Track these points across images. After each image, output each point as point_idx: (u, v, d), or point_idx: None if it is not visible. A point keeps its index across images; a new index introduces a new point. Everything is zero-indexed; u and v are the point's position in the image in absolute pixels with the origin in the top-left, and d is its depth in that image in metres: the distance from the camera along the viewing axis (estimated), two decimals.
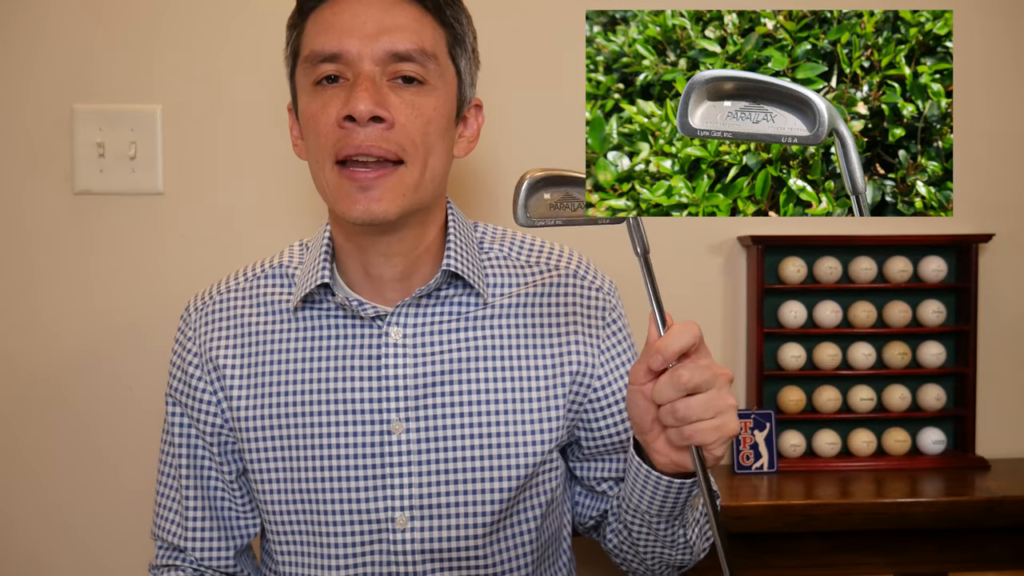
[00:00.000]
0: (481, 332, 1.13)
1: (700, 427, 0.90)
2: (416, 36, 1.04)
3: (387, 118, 1.02)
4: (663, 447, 0.96)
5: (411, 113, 1.04)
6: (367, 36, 1.03)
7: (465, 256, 1.12)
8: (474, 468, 1.10)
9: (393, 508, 1.08)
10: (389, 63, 1.04)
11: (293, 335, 1.12)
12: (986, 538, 1.55)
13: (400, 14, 1.05)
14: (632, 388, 0.95)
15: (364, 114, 1.01)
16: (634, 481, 1.05)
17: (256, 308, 1.15)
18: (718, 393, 0.91)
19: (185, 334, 1.16)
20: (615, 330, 1.18)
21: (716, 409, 0.90)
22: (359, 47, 1.03)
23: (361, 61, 1.03)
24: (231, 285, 1.18)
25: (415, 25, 1.05)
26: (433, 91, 1.06)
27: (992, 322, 1.73)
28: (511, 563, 1.12)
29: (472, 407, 1.11)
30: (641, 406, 0.95)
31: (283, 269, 1.17)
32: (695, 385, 0.89)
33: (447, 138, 1.09)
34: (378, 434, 1.09)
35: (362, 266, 1.11)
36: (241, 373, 1.12)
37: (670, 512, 1.05)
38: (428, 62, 1.05)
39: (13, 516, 1.61)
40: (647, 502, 1.04)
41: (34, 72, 1.58)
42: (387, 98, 1.03)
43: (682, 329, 0.90)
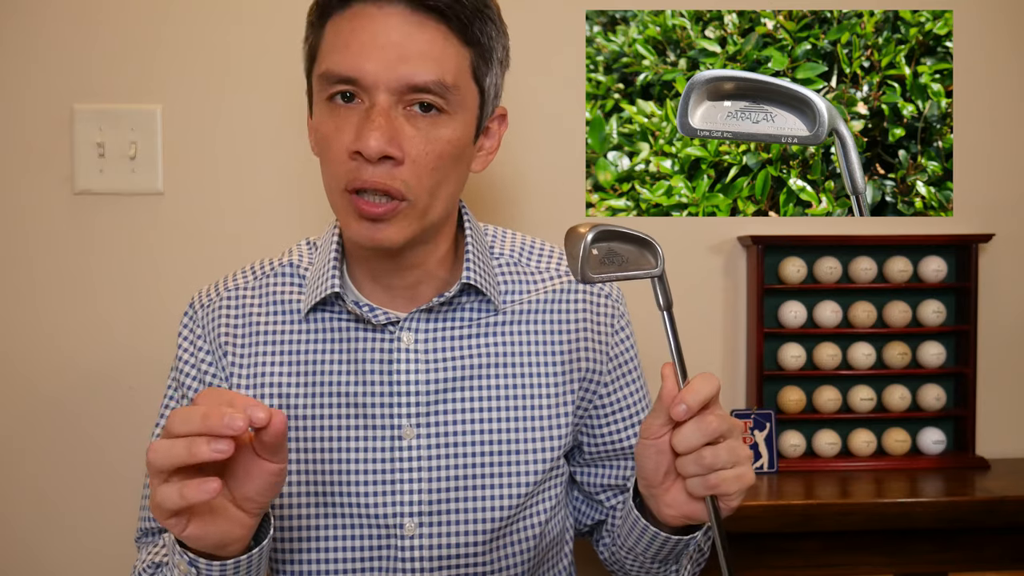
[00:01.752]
0: (493, 339, 1.12)
1: (724, 475, 0.90)
2: (436, 66, 1.00)
3: (397, 156, 0.99)
4: (676, 498, 0.95)
5: (423, 148, 1.00)
6: (385, 63, 0.98)
7: (482, 267, 1.11)
8: (484, 475, 1.10)
9: (402, 514, 1.08)
10: (406, 93, 1.00)
11: (304, 336, 1.11)
12: (986, 538, 1.55)
13: (422, 38, 1.00)
14: (645, 442, 0.94)
15: (375, 153, 0.98)
16: (631, 530, 1.06)
17: (266, 307, 1.13)
18: (737, 443, 0.91)
19: (194, 331, 1.14)
20: (623, 338, 1.18)
21: (737, 458, 0.90)
22: (375, 74, 0.98)
23: (377, 90, 0.99)
24: (239, 283, 1.16)
25: (436, 52, 1.00)
26: (450, 120, 1.02)
27: (992, 322, 1.73)
28: (511, 570, 1.12)
29: (484, 414, 1.11)
30: (654, 459, 0.94)
31: (294, 268, 1.15)
32: (722, 431, 0.90)
33: (462, 163, 1.06)
34: (389, 439, 1.08)
35: (372, 273, 1.11)
36: (249, 372, 1.11)
37: (665, 556, 1.07)
38: (448, 93, 1.01)
39: (13, 516, 1.61)
40: (643, 549, 1.06)
41: (34, 72, 1.58)
42: (400, 130, 1.00)
43: (706, 379, 0.90)
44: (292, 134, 1.60)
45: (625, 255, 0.89)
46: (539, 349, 1.14)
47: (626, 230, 0.88)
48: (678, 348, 0.91)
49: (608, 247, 0.89)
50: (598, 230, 0.87)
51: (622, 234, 0.89)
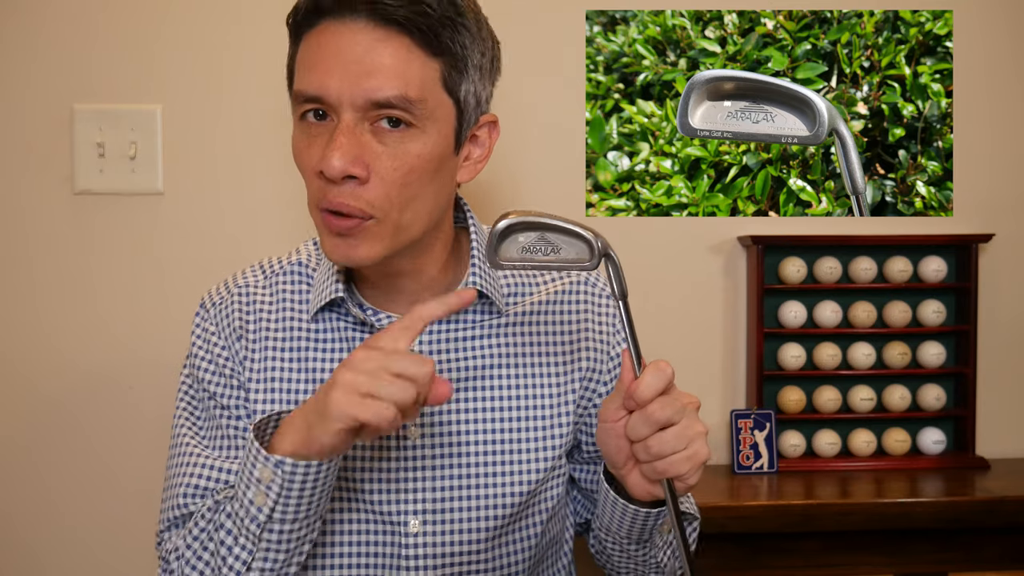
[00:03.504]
0: (496, 340, 1.13)
1: (673, 460, 0.93)
2: (399, 81, 0.98)
3: (361, 175, 0.98)
4: (638, 480, 0.99)
5: (391, 164, 0.99)
6: (348, 78, 0.98)
7: (486, 271, 1.12)
8: (488, 473, 1.10)
9: (407, 512, 1.08)
10: (370, 109, 0.99)
11: (312, 336, 1.11)
12: (986, 538, 1.55)
13: (386, 51, 0.98)
14: (604, 425, 0.98)
15: (336, 174, 0.97)
16: (603, 507, 1.08)
17: (275, 306, 1.13)
18: (688, 422, 0.93)
19: (207, 329, 1.13)
20: (623, 337, 1.18)
21: (687, 439, 0.93)
22: (338, 90, 0.98)
23: (341, 107, 0.98)
24: (249, 280, 1.15)
25: (400, 66, 0.98)
26: (420, 134, 1.01)
27: (992, 322, 1.73)
28: (513, 567, 1.12)
29: (487, 414, 1.11)
30: (614, 443, 0.97)
31: (303, 268, 1.15)
32: (667, 419, 0.92)
33: (438, 176, 1.05)
34: (394, 439, 1.09)
35: (374, 280, 1.11)
36: (259, 367, 1.11)
37: (639, 536, 1.08)
38: (413, 107, 0.99)
39: (13, 515, 1.61)
40: (616, 525, 1.08)
41: (34, 72, 1.58)
42: (367, 148, 0.99)
43: (655, 373, 0.93)
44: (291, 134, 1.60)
45: (558, 245, 0.92)
46: (542, 350, 1.14)
47: (549, 221, 0.91)
48: (632, 335, 0.94)
49: (540, 236, 0.92)
50: (514, 220, 0.90)
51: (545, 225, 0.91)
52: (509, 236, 0.92)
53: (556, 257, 0.92)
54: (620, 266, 0.92)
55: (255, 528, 0.96)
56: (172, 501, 1.09)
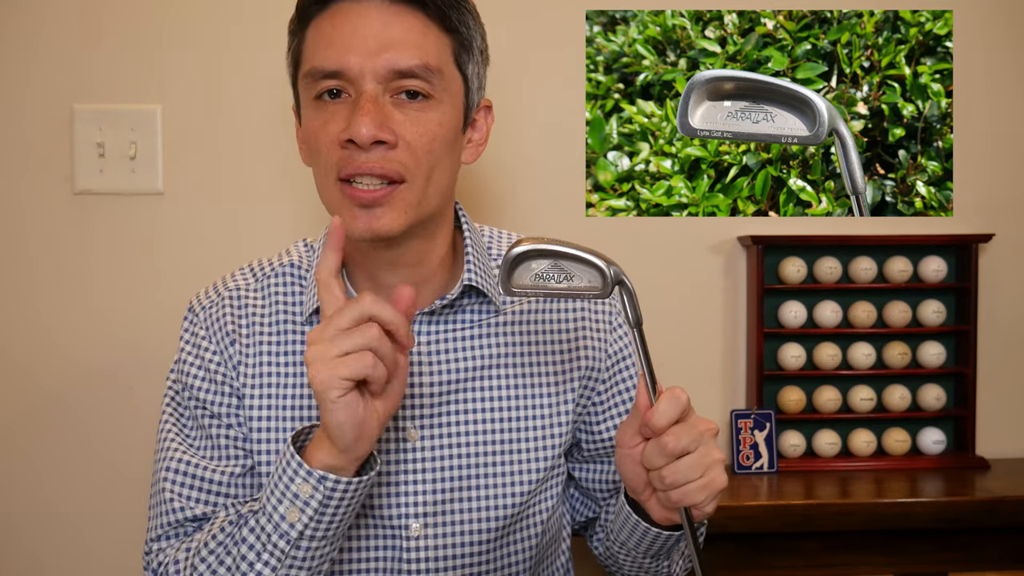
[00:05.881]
0: (495, 339, 1.13)
1: (687, 489, 0.93)
2: (419, 51, 1.01)
3: (390, 140, 1.00)
4: (656, 507, 0.99)
5: (416, 130, 1.01)
6: (369, 52, 1.00)
7: (482, 268, 1.11)
8: (488, 474, 1.10)
9: (408, 515, 1.07)
10: (392, 80, 1.01)
11: (306, 338, 1.11)
12: (986, 538, 1.55)
13: (402, 26, 1.01)
14: (620, 451, 0.98)
15: (366, 139, 0.98)
16: (622, 525, 1.08)
17: (268, 308, 1.12)
18: (704, 451, 0.93)
19: (196, 334, 1.11)
20: (621, 335, 1.18)
21: (703, 468, 0.93)
22: (360, 64, 1.00)
23: (363, 79, 1.00)
24: (239, 283, 1.14)
25: (418, 38, 1.01)
26: (439, 105, 1.03)
27: (992, 322, 1.73)
28: (514, 567, 1.12)
29: (487, 414, 1.11)
30: (631, 469, 0.98)
31: (295, 269, 1.14)
32: (682, 448, 0.92)
33: (454, 149, 1.07)
34: (394, 441, 1.08)
35: (369, 274, 1.10)
36: (254, 372, 1.10)
37: (656, 552, 1.09)
38: (433, 77, 1.02)
39: (13, 515, 1.61)
40: (634, 544, 1.08)
41: (34, 72, 1.58)
42: (390, 116, 1.01)
43: (670, 401, 0.92)
44: (292, 134, 1.59)
45: (571, 272, 0.92)
46: (540, 348, 1.14)
47: (562, 249, 0.90)
48: (648, 361, 0.93)
49: (554, 263, 0.91)
50: (527, 248, 0.90)
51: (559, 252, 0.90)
52: (522, 263, 0.91)
53: (569, 285, 0.92)
54: (634, 293, 0.92)
55: (284, 545, 0.95)
56: (162, 507, 1.08)
